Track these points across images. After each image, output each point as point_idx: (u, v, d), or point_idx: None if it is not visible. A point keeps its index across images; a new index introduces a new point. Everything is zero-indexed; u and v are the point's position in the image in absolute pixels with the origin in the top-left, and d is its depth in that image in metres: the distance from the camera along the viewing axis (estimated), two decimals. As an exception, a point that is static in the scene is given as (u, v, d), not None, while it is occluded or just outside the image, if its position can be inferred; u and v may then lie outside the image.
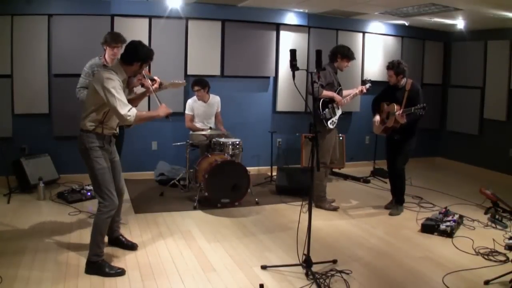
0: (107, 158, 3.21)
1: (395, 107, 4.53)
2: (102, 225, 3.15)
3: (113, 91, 3.00)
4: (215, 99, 5.69)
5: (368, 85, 4.98)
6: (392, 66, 4.57)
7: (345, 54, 4.72)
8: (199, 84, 5.47)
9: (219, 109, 5.75)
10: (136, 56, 3.17)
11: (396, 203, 4.82)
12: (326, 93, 4.63)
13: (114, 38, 4.20)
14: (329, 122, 4.69)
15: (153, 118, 3.33)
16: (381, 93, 4.91)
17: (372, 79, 6.88)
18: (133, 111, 3.06)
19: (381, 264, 3.48)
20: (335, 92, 4.74)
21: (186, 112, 5.64)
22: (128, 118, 3.03)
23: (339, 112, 4.82)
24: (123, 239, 3.61)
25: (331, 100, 4.74)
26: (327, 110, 4.69)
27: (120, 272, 3.10)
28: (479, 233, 4.14)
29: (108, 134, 3.23)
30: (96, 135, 3.13)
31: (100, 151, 3.14)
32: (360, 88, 4.96)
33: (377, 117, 4.80)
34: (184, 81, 4.04)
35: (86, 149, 3.11)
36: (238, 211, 4.73)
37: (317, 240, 3.83)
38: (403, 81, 4.62)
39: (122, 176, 3.49)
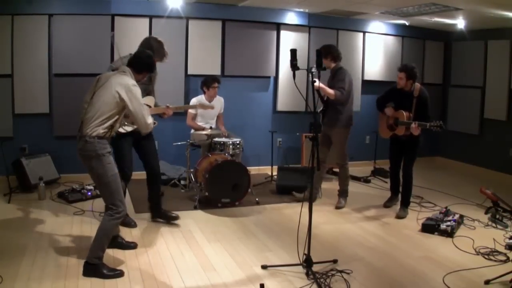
0: None
1: (404, 114, 4.39)
2: (111, 229, 3.13)
3: (140, 99, 3.00)
4: (219, 100, 5.70)
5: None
6: (406, 69, 4.39)
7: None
8: (218, 81, 5.54)
9: (222, 110, 5.77)
10: (148, 67, 3.22)
11: (403, 206, 4.67)
12: None
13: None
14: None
15: None
16: (385, 94, 4.75)
17: (373, 79, 7.00)
18: (152, 120, 3.15)
19: (382, 263, 3.48)
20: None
21: (189, 110, 5.65)
22: (151, 127, 3.12)
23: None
24: (122, 240, 3.60)
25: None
26: None
27: (119, 274, 3.08)
28: (480, 233, 4.15)
29: (111, 136, 3.17)
30: (106, 140, 3.04)
31: (111, 156, 3.08)
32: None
33: (389, 109, 4.62)
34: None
35: (98, 156, 2.97)
36: (238, 210, 4.74)
37: (318, 239, 3.83)
38: (412, 86, 4.44)
39: None
